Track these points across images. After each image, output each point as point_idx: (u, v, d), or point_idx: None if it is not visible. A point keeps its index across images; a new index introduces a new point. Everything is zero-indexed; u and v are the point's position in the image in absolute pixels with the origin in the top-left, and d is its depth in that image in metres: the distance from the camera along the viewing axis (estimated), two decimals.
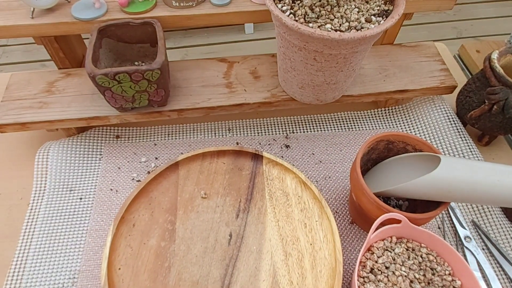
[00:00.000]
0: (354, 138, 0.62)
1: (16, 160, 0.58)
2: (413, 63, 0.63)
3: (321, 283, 0.43)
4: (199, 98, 0.57)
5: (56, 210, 0.52)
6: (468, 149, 0.58)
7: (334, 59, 0.46)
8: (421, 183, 0.40)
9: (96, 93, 0.56)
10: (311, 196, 0.50)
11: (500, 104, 0.51)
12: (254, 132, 0.62)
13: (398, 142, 0.47)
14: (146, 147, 0.60)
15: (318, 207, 0.49)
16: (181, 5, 0.54)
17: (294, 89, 0.55)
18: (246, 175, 0.52)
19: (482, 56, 0.74)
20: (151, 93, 0.51)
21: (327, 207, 0.47)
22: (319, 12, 0.46)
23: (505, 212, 0.53)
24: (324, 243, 0.46)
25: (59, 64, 0.62)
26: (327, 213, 0.47)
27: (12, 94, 0.56)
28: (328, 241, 0.46)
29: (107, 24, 0.52)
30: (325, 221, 0.47)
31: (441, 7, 0.59)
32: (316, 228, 0.47)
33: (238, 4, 0.56)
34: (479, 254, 0.48)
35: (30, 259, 0.47)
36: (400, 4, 0.45)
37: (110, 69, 0.46)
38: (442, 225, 0.52)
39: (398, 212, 0.41)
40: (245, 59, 0.63)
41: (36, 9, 0.53)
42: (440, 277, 0.40)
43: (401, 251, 0.41)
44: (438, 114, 0.62)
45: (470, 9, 2.10)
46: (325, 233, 0.47)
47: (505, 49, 0.54)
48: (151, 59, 0.58)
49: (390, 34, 0.65)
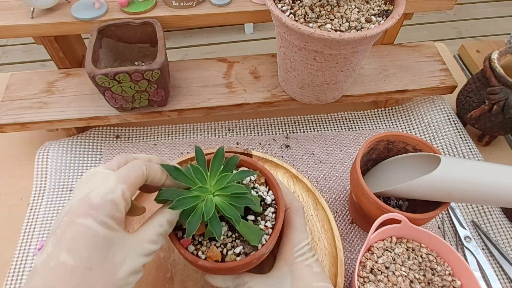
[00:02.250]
0: (354, 138, 0.62)
1: (16, 160, 0.58)
2: (413, 63, 0.63)
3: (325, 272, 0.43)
4: (199, 98, 0.57)
5: (56, 210, 0.52)
6: (468, 149, 0.58)
7: (334, 59, 0.46)
8: (421, 183, 0.40)
9: (96, 93, 0.56)
10: (304, 189, 0.50)
11: (500, 104, 0.51)
12: (254, 132, 0.62)
13: (398, 142, 0.47)
14: (146, 147, 0.60)
15: (312, 199, 0.49)
16: (181, 5, 0.54)
17: (294, 89, 0.55)
18: None
19: (482, 56, 0.74)
20: (151, 93, 0.51)
21: (321, 197, 0.48)
22: (319, 12, 0.46)
23: (505, 212, 0.53)
24: (322, 234, 0.47)
25: (59, 64, 0.61)
26: (321, 203, 0.48)
27: (12, 94, 0.56)
28: (326, 231, 0.47)
29: (107, 24, 0.52)
30: (320, 212, 0.48)
31: (441, 7, 0.59)
32: (313, 220, 0.48)
33: (238, 4, 0.56)
34: (479, 254, 0.48)
35: (30, 259, 0.47)
36: (400, 4, 0.45)
37: (110, 69, 0.46)
38: (442, 225, 0.52)
39: (398, 212, 0.41)
40: (245, 59, 0.63)
41: (36, 9, 0.53)
42: (440, 277, 0.40)
43: (401, 251, 0.41)
44: (438, 114, 0.62)
45: (470, 9, 2.10)
46: (322, 223, 0.47)
47: (505, 49, 0.54)
48: (151, 59, 0.58)
49: (390, 34, 0.65)
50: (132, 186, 0.29)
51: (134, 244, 0.29)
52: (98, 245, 0.26)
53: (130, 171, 0.30)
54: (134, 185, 0.29)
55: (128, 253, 0.28)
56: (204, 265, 0.33)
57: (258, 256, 0.33)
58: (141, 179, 0.30)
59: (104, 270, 0.26)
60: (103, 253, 0.26)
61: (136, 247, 0.29)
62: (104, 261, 0.26)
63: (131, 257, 0.28)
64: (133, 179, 0.29)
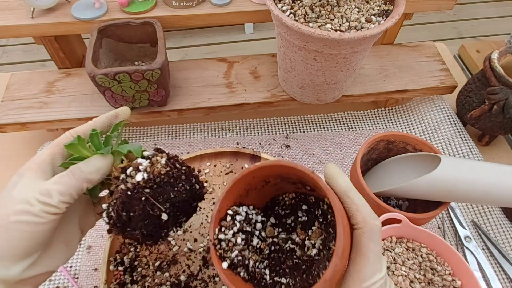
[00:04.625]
0: (354, 138, 0.62)
1: (16, 160, 0.58)
2: (413, 63, 0.63)
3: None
4: (199, 98, 0.57)
5: None
6: (468, 149, 0.58)
7: (334, 59, 0.46)
8: (421, 183, 0.40)
9: (96, 93, 0.56)
10: None
11: (500, 104, 0.51)
12: (254, 132, 0.62)
13: (398, 142, 0.47)
14: (146, 147, 0.60)
15: None
16: (181, 5, 0.54)
17: (294, 89, 0.55)
18: None
19: (482, 56, 0.74)
20: (151, 93, 0.51)
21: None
22: (319, 12, 0.46)
23: (505, 212, 0.53)
24: None
25: (59, 64, 0.62)
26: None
27: (12, 94, 0.56)
28: None
29: (107, 24, 0.52)
30: None
31: (441, 7, 0.59)
32: None
33: (238, 4, 0.56)
34: (479, 254, 0.48)
35: None
36: (400, 4, 0.45)
37: (110, 69, 0.46)
38: (442, 225, 0.52)
39: (398, 212, 0.41)
40: (245, 59, 0.63)
41: (36, 9, 0.53)
42: (440, 277, 0.40)
43: (401, 251, 0.41)
44: (438, 114, 0.62)
45: (470, 9, 2.10)
46: None
47: (505, 49, 0.54)
48: (151, 59, 0.58)
49: (390, 34, 0.65)
50: (53, 146, 0.31)
51: (38, 185, 0.29)
52: (8, 187, 0.29)
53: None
54: (54, 145, 0.31)
55: (29, 191, 0.28)
56: None
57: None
58: (64, 139, 0.32)
59: (1, 202, 0.28)
60: (7, 192, 0.28)
61: (37, 187, 0.28)
62: (6, 197, 0.28)
63: (29, 193, 0.28)
64: (55, 141, 0.31)
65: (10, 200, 0.28)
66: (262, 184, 0.35)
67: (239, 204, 0.33)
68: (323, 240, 0.32)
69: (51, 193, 0.28)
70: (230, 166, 0.53)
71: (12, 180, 0.29)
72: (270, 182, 0.35)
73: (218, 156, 0.54)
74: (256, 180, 0.33)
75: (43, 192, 0.28)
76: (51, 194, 0.28)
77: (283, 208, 0.36)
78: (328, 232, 0.32)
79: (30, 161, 0.31)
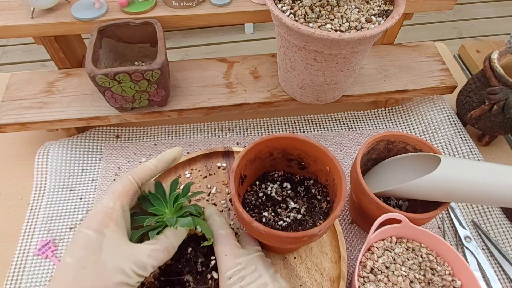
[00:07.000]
0: (354, 138, 0.62)
1: (16, 160, 0.58)
2: (413, 63, 0.63)
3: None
4: (199, 98, 0.57)
5: (56, 210, 0.52)
6: (468, 149, 0.58)
7: (334, 59, 0.46)
8: (421, 183, 0.40)
9: (96, 93, 0.56)
10: None
11: (500, 104, 0.51)
12: (254, 132, 0.62)
13: (398, 142, 0.47)
14: (146, 147, 0.60)
15: None
16: (181, 5, 0.54)
17: (294, 89, 0.55)
18: (224, 173, 0.53)
19: (482, 56, 0.74)
20: (151, 93, 0.51)
21: None
22: (319, 12, 0.46)
23: (505, 212, 0.53)
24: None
25: (59, 64, 0.61)
26: None
27: (12, 94, 0.56)
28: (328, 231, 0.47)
29: (107, 24, 0.52)
30: None
31: (441, 7, 0.59)
32: None
33: (238, 4, 0.56)
34: (479, 254, 0.48)
35: (30, 259, 0.47)
36: (400, 4, 0.45)
37: (110, 69, 0.46)
38: (442, 225, 0.52)
39: (398, 212, 0.41)
40: (245, 59, 0.63)
41: (36, 9, 0.53)
42: (440, 277, 0.40)
43: (401, 251, 0.41)
44: (438, 114, 0.62)
45: (470, 9, 2.10)
46: None
47: (505, 49, 0.54)
48: (151, 59, 0.58)
49: (390, 34, 0.65)
50: (122, 196, 0.34)
51: (129, 252, 0.31)
52: (91, 248, 0.30)
53: (118, 184, 0.35)
54: (123, 194, 0.34)
55: (121, 258, 0.31)
56: (258, 228, 0.35)
57: (309, 234, 0.34)
58: (130, 187, 0.35)
59: (95, 270, 0.30)
60: (95, 255, 0.30)
61: (130, 255, 0.31)
62: (96, 262, 0.30)
63: (123, 262, 0.30)
64: (121, 189, 0.34)
65: (105, 269, 0.30)
66: (266, 155, 0.43)
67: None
68: (306, 208, 0.43)
69: (147, 268, 0.31)
70: (204, 168, 0.54)
71: (90, 238, 0.31)
72: (273, 156, 0.43)
73: (192, 162, 0.54)
74: (266, 149, 0.42)
75: (139, 265, 0.31)
76: (146, 268, 0.31)
77: (273, 182, 0.46)
78: (310, 202, 0.43)
79: (104, 215, 0.32)
